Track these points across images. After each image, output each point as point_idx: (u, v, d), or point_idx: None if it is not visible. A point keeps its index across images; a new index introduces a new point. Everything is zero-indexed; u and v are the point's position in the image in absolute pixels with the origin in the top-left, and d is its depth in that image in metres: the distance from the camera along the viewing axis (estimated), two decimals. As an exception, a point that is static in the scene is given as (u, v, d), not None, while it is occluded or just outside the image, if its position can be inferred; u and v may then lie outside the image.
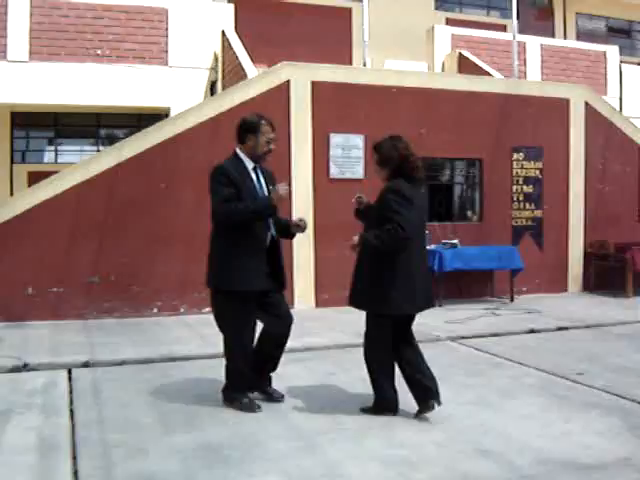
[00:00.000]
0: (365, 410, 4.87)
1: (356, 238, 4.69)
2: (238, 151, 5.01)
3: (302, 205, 9.60)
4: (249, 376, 4.96)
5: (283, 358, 5.16)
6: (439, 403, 4.72)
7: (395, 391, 4.82)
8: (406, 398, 4.76)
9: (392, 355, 4.80)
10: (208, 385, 5.42)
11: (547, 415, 4.84)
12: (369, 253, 4.69)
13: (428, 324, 7.44)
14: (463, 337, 7.76)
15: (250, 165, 4.97)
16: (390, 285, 4.61)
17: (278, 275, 5.04)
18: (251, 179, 4.94)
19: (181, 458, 3.97)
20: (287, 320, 5.05)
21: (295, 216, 9.43)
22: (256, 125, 4.96)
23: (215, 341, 6.94)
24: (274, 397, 5.14)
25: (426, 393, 4.71)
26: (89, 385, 5.67)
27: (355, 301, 4.84)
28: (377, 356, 4.77)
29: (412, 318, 4.87)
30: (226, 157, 5.05)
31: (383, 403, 4.80)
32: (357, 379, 5.47)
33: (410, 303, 4.67)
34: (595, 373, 6.04)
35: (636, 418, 4.77)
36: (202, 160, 8.69)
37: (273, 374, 5.19)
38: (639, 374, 6.03)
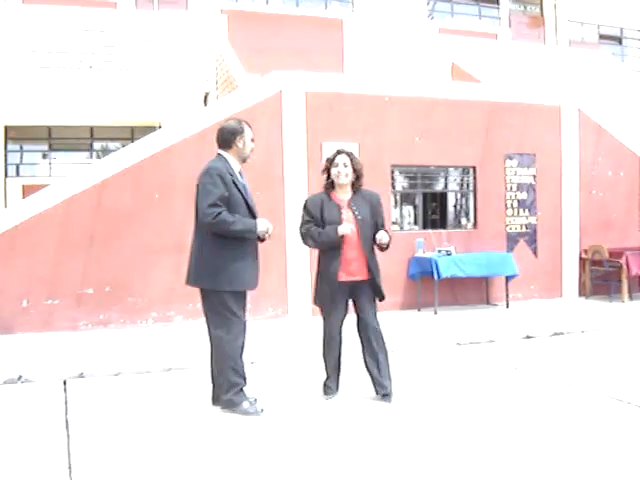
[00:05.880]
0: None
1: (386, 238, 5.25)
2: (225, 154, 5.04)
3: (296, 214, 9.60)
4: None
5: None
6: None
7: None
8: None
9: None
10: (206, 394, 5.40)
11: (543, 419, 4.84)
12: None
13: (424, 332, 7.44)
14: (459, 344, 7.76)
15: (237, 168, 5.05)
16: None
17: None
18: (240, 182, 5.00)
19: (178, 469, 3.96)
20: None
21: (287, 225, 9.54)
22: (240, 127, 5.06)
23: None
24: None
25: None
26: (84, 396, 5.65)
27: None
28: None
29: None
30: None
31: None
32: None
33: None
34: (591, 378, 6.05)
35: (633, 420, 4.78)
36: (195, 170, 8.58)
37: None
38: (635, 377, 6.05)
